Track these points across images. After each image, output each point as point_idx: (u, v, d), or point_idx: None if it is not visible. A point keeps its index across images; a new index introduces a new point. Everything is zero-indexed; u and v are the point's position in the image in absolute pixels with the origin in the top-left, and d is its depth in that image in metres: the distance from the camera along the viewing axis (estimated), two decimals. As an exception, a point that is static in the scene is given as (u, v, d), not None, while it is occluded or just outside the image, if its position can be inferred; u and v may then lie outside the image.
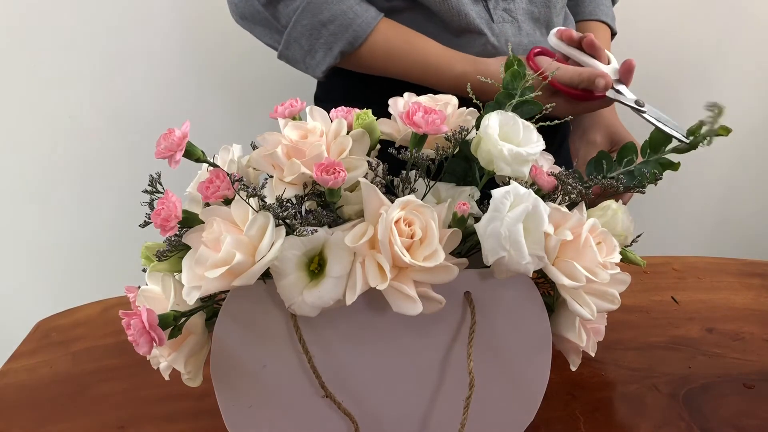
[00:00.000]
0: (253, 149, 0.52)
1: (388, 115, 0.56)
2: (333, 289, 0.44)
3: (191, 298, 0.44)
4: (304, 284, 0.45)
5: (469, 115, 0.56)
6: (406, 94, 0.57)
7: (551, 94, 0.68)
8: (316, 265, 0.45)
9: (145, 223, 0.48)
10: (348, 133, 0.49)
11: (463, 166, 0.54)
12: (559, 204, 0.50)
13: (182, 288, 0.45)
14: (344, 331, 0.49)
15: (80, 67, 1.25)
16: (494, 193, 0.45)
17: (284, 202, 0.44)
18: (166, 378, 0.50)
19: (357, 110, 0.53)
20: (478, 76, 0.66)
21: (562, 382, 0.65)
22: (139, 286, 0.49)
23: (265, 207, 0.44)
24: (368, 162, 0.48)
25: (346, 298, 0.44)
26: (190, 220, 0.47)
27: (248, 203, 0.44)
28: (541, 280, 0.51)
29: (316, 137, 0.48)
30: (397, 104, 0.56)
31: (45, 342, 0.79)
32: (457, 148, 0.51)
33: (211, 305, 0.49)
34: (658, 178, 0.56)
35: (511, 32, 0.77)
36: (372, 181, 0.47)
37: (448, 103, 0.56)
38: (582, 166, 0.74)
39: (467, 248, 0.49)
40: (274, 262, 0.43)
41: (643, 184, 0.56)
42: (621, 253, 0.51)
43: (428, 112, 0.49)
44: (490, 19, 0.76)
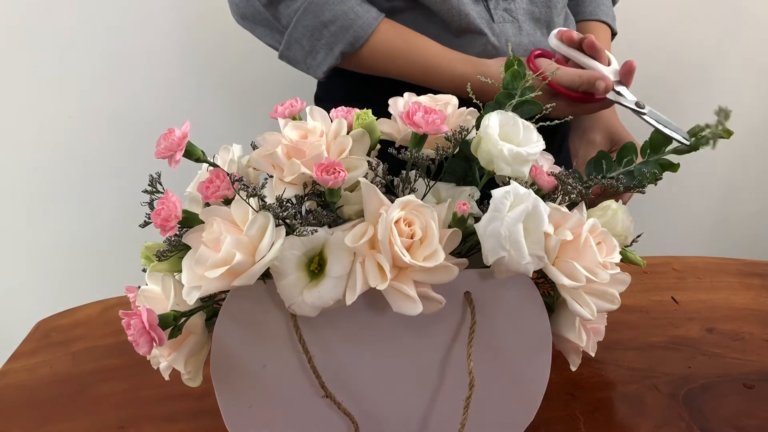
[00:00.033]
0: (253, 149, 0.52)
1: (389, 115, 0.56)
2: (333, 289, 0.44)
3: (191, 298, 0.44)
4: (304, 284, 0.45)
5: (469, 115, 0.56)
6: (406, 94, 0.57)
7: (551, 96, 0.68)
8: (316, 265, 0.45)
9: (145, 223, 0.48)
10: (348, 133, 0.49)
11: (463, 166, 0.54)
12: (559, 204, 0.50)
13: (182, 288, 0.45)
14: (344, 331, 0.49)
15: (80, 67, 1.25)
16: (494, 193, 0.45)
17: (284, 202, 0.44)
18: (166, 378, 0.50)
19: (357, 110, 0.53)
20: (479, 76, 0.66)
21: (562, 382, 0.65)
22: (139, 286, 0.49)
23: (265, 207, 0.44)
24: (368, 162, 0.48)
25: (346, 298, 0.44)
26: (190, 220, 0.47)
27: (248, 203, 0.44)
28: (541, 280, 0.51)
29: (316, 137, 0.48)
30: (397, 104, 0.56)
31: (45, 342, 0.79)
32: (457, 148, 0.51)
33: (211, 305, 0.49)
34: (657, 178, 0.56)
35: (512, 32, 0.77)
36: (372, 181, 0.47)
37: (448, 103, 0.56)
38: (582, 166, 0.74)
39: (467, 248, 0.49)
40: (274, 262, 0.43)
41: (643, 184, 0.56)
42: (621, 253, 0.51)
43: (428, 112, 0.49)
44: (491, 19, 0.76)
